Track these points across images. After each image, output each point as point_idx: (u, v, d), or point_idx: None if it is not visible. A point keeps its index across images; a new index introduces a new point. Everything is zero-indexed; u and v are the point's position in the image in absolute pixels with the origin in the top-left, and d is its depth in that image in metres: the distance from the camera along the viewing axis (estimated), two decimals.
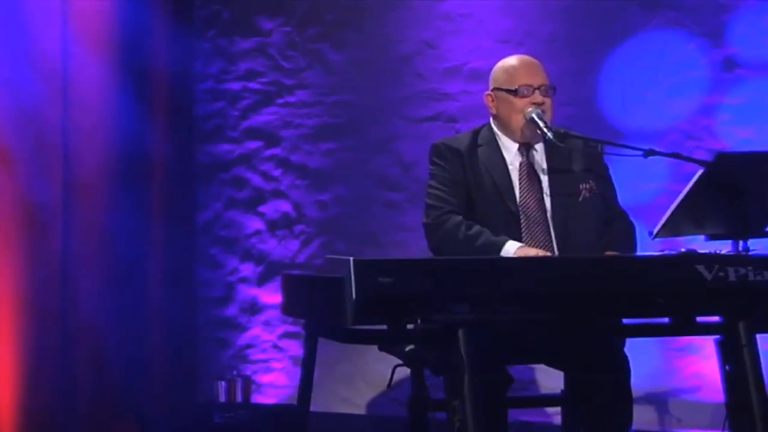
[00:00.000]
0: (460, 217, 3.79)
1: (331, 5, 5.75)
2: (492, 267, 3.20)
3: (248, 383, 4.05)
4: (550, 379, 5.21)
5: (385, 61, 5.66)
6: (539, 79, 3.91)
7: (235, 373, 4.34)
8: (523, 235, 3.80)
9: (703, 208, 3.49)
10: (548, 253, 3.64)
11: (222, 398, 3.90)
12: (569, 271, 3.22)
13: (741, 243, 3.48)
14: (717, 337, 3.51)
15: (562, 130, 3.82)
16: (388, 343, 3.70)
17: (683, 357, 5.25)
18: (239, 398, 3.95)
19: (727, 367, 3.49)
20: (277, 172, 5.78)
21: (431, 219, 3.84)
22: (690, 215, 3.49)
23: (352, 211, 5.68)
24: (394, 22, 5.65)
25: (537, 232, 3.77)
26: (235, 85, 5.83)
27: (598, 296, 3.26)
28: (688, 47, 5.29)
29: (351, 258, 3.11)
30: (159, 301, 5.53)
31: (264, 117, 5.81)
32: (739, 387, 3.44)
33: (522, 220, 3.82)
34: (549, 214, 3.84)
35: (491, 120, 4.04)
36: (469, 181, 3.87)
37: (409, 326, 3.18)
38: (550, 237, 3.80)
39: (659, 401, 5.13)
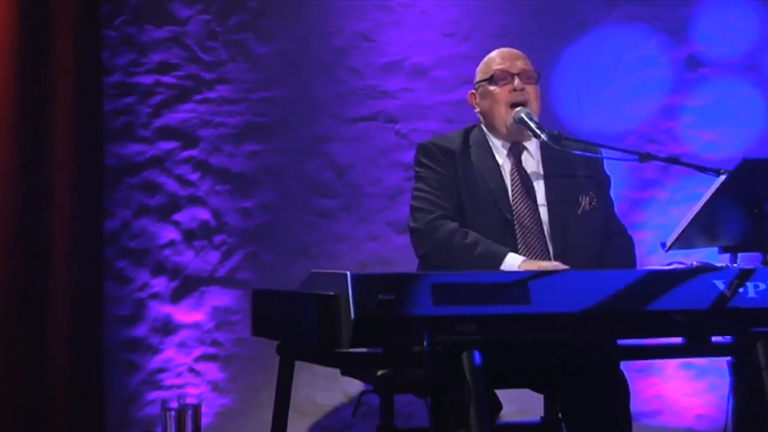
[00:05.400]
0: (455, 224, 3.69)
1: None
2: (503, 283, 3.10)
3: (198, 412, 3.88)
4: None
5: (317, 55, 5.51)
6: (519, 64, 3.88)
7: (184, 402, 4.19)
8: (519, 246, 3.70)
9: (720, 219, 3.44)
10: (557, 264, 3.54)
11: (173, 429, 3.74)
12: (586, 288, 3.15)
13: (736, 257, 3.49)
14: (729, 358, 3.46)
15: (555, 132, 3.75)
16: (386, 367, 3.56)
17: (643, 378, 5.23)
18: (189, 428, 3.79)
19: (740, 393, 3.44)
20: (194, 176, 5.56)
21: (421, 224, 3.73)
22: (705, 226, 3.44)
23: (279, 219, 5.51)
24: (326, 11, 5.51)
25: (533, 243, 3.68)
26: (147, 79, 5.58)
27: (611, 314, 3.19)
28: (648, 44, 5.31)
29: (348, 272, 2.98)
30: (60, 320, 5.27)
31: (180, 115, 5.56)
32: (754, 415, 3.38)
33: (517, 230, 3.72)
34: (546, 227, 3.76)
35: (480, 120, 3.96)
36: (462, 185, 3.77)
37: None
38: (548, 249, 3.71)
39: None
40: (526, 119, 3.76)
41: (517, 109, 3.79)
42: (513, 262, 3.56)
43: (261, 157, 5.55)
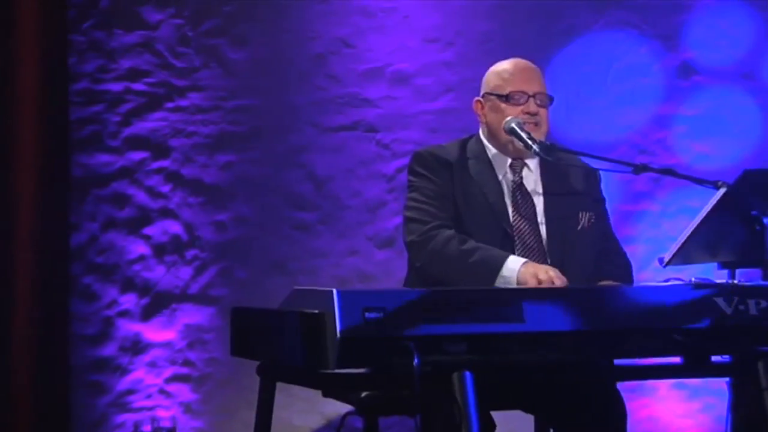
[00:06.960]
0: (451, 231, 3.67)
1: None
2: (495, 300, 3.09)
3: None
4: None
5: (294, 61, 5.51)
6: (535, 86, 3.85)
7: (158, 425, 4.17)
8: None
9: (720, 233, 3.43)
10: (557, 274, 3.53)
11: None
12: (582, 305, 3.14)
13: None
14: (728, 378, 3.46)
15: (548, 143, 3.76)
16: (373, 388, 3.53)
17: (635, 399, 5.23)
18: None
19: (739, 413, 3.44)
20: (165, 188, 5.54)
21: (416, 236, 3.71)
22: (705, 240, 3.42)
23: (254, 233, 5.50)
24: (304, 15, 5.51)
25: (532, 259, 3.67)
26: (116, 86, 5.56)
27: (607, 333, 3.18)
28: (639, 51, 5.32)
29: (334, 289, 2.95)
30: (24, 339, 5.25)
31: (150, 123, 5.55)
32: None
33: (517, 245, 3.72)
34: (545, 242, 3.77)
35: (480, 131, 3.94)
36: (459, 198, 3.75)
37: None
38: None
39: None
40: (516, 129, 3.75)
41: (508, 118, 3.78)
42: (513, 266, 3.56)
43: (236, 168, 5.53)
